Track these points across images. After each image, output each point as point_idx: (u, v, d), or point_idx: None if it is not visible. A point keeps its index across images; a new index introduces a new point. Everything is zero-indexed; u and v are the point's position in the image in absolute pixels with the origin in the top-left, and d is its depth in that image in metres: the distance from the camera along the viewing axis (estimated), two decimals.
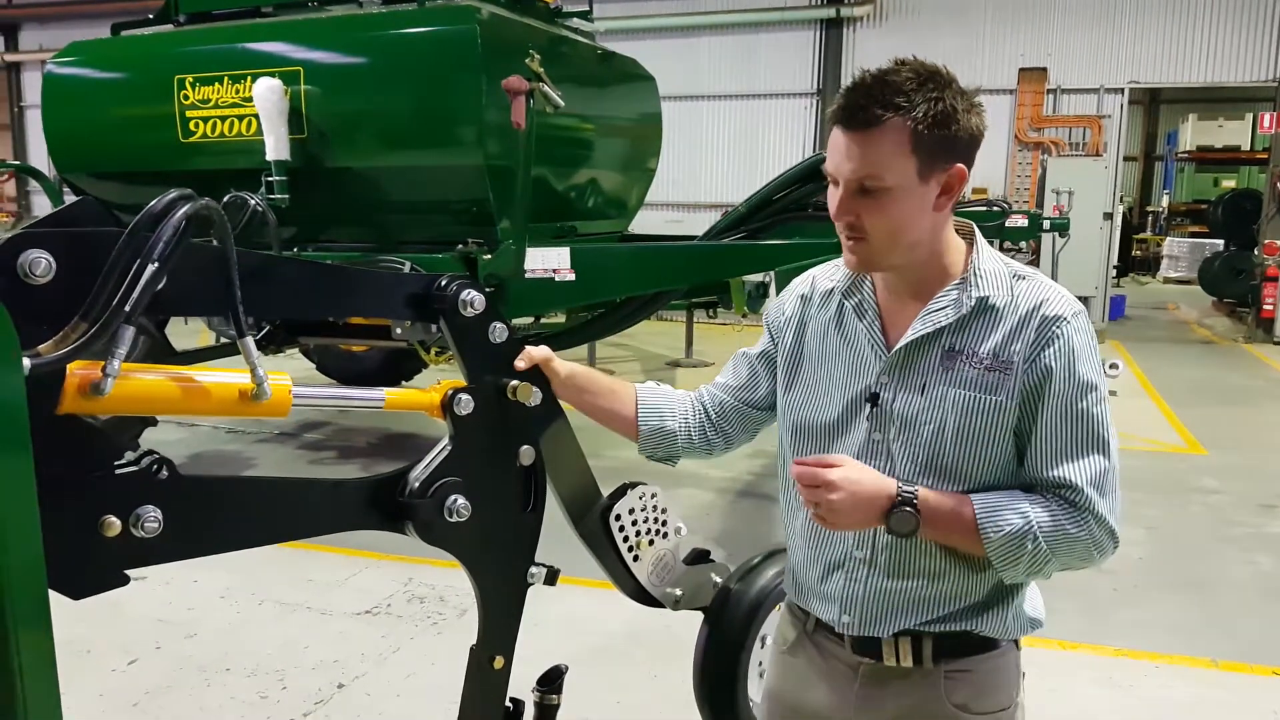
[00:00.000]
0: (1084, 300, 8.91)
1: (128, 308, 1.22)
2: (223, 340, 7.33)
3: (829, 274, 1.90)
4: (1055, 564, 1.65)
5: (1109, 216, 13.89)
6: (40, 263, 1.22)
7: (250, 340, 1.42)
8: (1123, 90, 14.90)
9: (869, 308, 1.79)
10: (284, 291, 1.54)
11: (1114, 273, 15.50)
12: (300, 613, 4.79)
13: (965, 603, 1.76)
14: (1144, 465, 7.51)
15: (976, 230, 1.79)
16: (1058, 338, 1.64)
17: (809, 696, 1.90)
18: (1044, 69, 14.84)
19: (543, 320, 7.69)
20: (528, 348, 1.81)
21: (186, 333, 8.53)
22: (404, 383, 9.24)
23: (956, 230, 1.76)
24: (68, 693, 3.72)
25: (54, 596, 1.34)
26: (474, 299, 1.68)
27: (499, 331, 1.75)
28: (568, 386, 1.90)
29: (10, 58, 21.42)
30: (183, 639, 4.49)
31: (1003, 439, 1.68)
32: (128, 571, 1.36)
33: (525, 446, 1.79)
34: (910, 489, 1.64)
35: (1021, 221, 7.51)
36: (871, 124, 1.58)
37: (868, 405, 1.75)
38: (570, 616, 4.31)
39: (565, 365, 1.89)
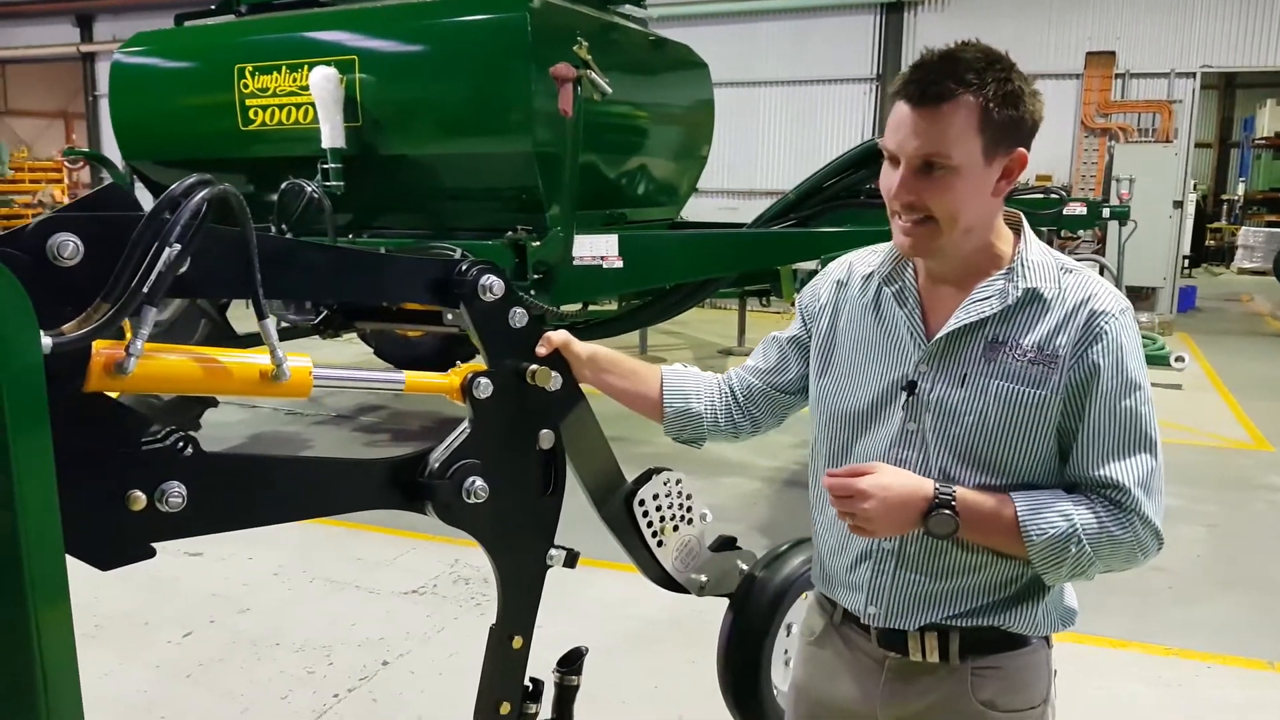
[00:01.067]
0: (1151, 291, 8.72)
1: (146, 289, 1.27)
2: (283, 324, 7.48)
3: (867, 260, 1.87)
4: (1099, 566, 1.62)
5: (1179, 205, 13.56)
6: (68, 245, 1.26)
7: (270, 323, 1.46)
8: (1195, 74, 14.51)
9: (910, 295, 1.76)
10: (304, 275, 1.58)
11: (1185, 263, 15.13)
12: (349, 591, 4.89)
13: (994, 598, 1.73)
14: (1207, 461, 7.34)
15: (1024, 220, 1.76)
16: (1105, 334, 1.62)
17: (835, 689, 1.89)
18: (1112, 53, 14.49)
19: (592, 306, 7.72)
20: (547, 333, 1.83)
21: (248, 318, 8.70)
22: (459, 364, 9.34)
23: (1005, 220, 1.73)
24: (126, 662, 3.85)
25: (110, 573, 1.40)
26: (493, 284, 1.71)
27: (519, 316, 1.77)
28: (590, 369, 1.91)
29: (85, 48, 22.00)
30: (235, 614, 4.61)
31: (1044, 433, 1.65)
32: (154, 544, 1.42)
33: (545, 430, 1.82)
34: (948, 490, 1.61)
35: (1080, 209, 7.36)
36: (943, 99, 1.55)
37: (904, 394, 1.72)
38: (609, 601, 4.35)
39: (586, 347, 1.90)
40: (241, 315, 8.27)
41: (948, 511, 1.60)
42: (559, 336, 1.83)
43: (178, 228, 1.28)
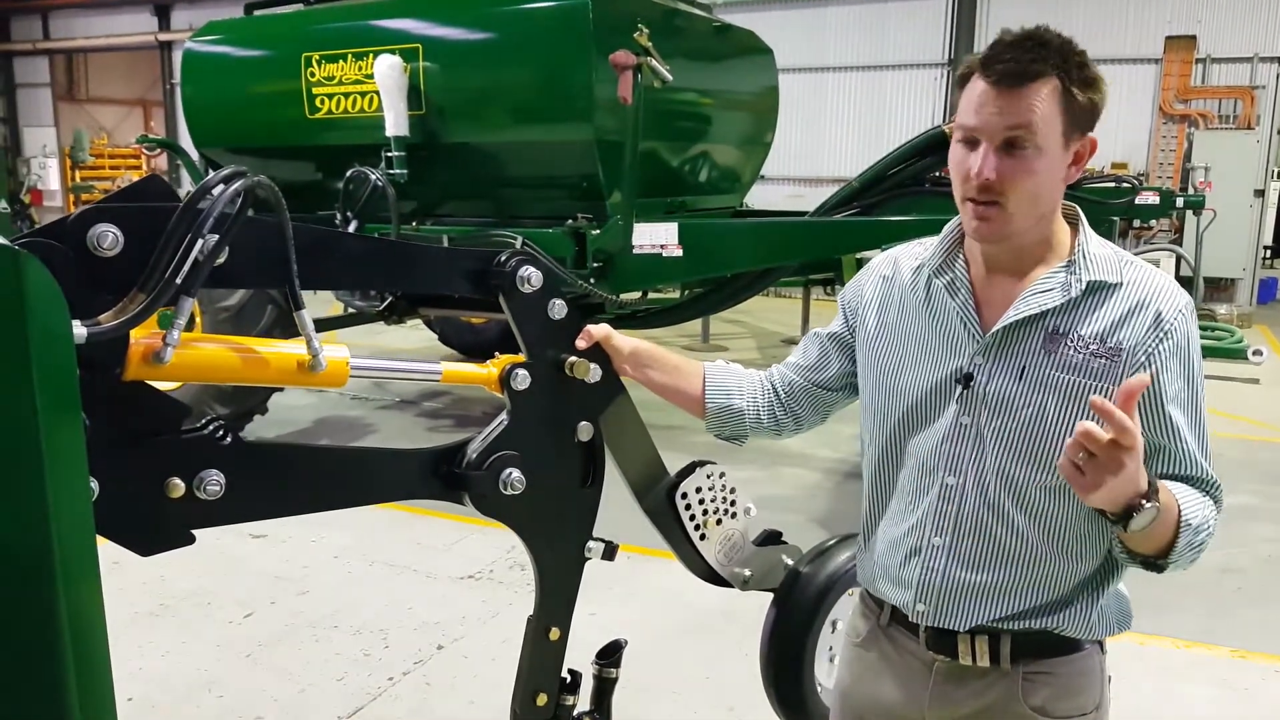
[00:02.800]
0: (1230, 283, 8.47)
1: (179, 279, 1.28)
2: (350, 310, 7.59)
3: (913, 252, 1.83)
4: (1196, 558, 1.60)
5: (1260, 194, 13.13)
6: (108, 236, 1.28)
7: (306, 314, 1.47)
8: (1278, 59, 14.00)
9: (962, 286, 1.72)
10: (342, 265, 1.58)
11: (1266, 253, 14.64)
12: (407, 575, 4.95)
13: (1045, 599, 1.69)
14: None
15: (1080, 212, 1.73)
16: (1175, 332, 1.60)
17: (881, 692, 1.86)
18: (1193, 37, 14.03)
19: (653, 295, 7.70)
20: (588, 326, 1.82)
21: (317, 302, 8.85)
22: (497, 355, 9.39)
23: (1063, 213, 1.70)
24: (189, 640, 3.94)
25: (180, 552, 1.43)
26: (532, 275, 1.70)
27: (558, 308, 1.76)
28: (630, 363, 1.89)
29: (163, 36, 22.52)
30: (295, 595, 4.69)
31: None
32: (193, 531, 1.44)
33: (584, 422, 1.81)
34: (1154, 481, 1.50)
35: (1152, 199, 7.15)
36: (1030, 78, 1.54)
37: (958, 387, 1.68)
38: (665, 590, 4.33)
39: (628, 342, 1.89)
40: (309, 300, 8.40)
41: (1153, 504, 1.47)
42: (599, 330, 1.82)
43: (211, 218, 1.28)
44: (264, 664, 4.07)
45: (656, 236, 5.83)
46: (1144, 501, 1.46)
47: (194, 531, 1.44)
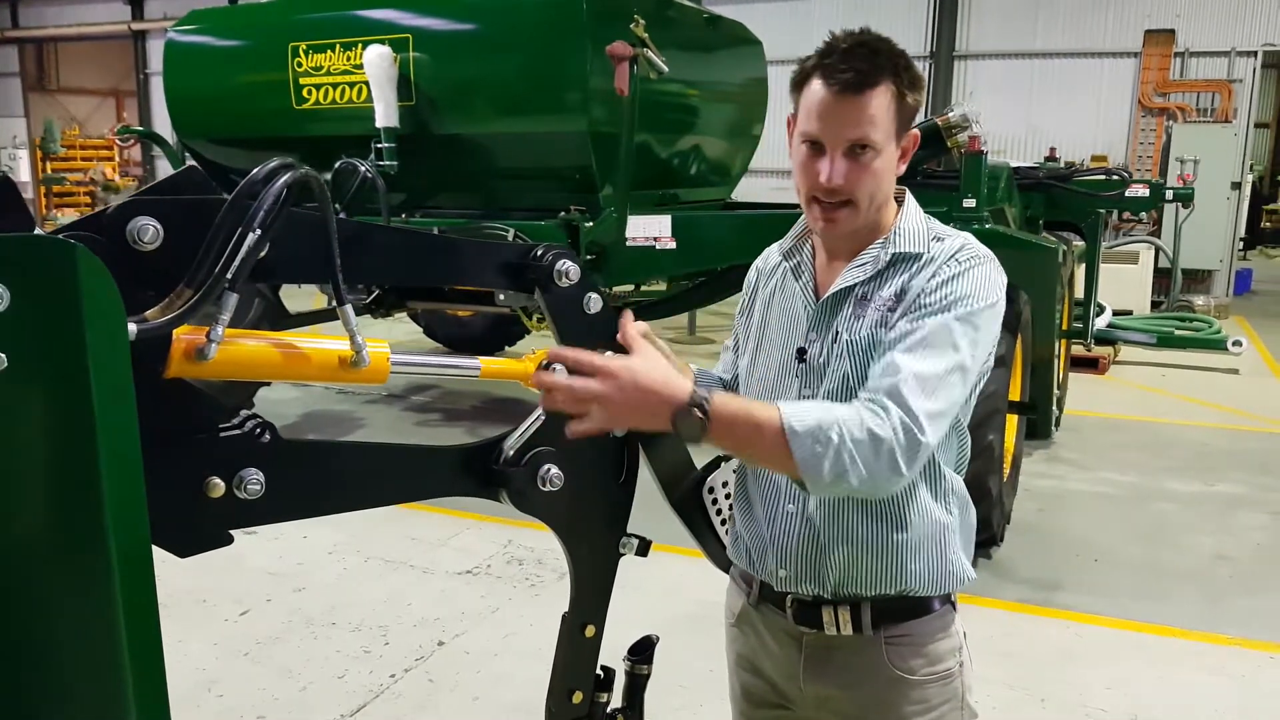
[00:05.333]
0: (1208, 274, 8.59)
1: (230, 275, 1.25)
2: (334, 303, 7.52)
3: (783, 243, 1.95)
4: (860, 469, 1.54)
5: (1237, 186, 13.25)
6: (148, 230, 1.25)
7: (350, 308, 1.43)
8: (1256, 53, 14.13)
9: (806, 268, 1.86)
10: (381, 259, 1.55)
11: (1240, 245, 14.78)
12: (403, 571, 4.91)
13: (893, 560, 1.77)
14: (1267, 448, 7.18)
15: (908, 193, 1.84)
16: (944, 271, 1.69)
17: (761, 667, 1.97)
18: (1171, 31, 14.15)
19: (643, 288, 7.67)
20: (628, 322, 1.80)
21: (299, 295, 8.78)
22: (507, 348, 9.36)
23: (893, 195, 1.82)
24: (185, 639, 3.88)
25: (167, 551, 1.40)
26: (569, 269, 1.67)
27: (594, 302, 1.73)
28: None
29: (137, 26, 22.25)
30: (292, 592, 4.65)
31: None
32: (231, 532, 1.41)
33: None
34: (706, 394, 1.56)
35: (1142, 191, 7.20)
36: (869, 86, 1.64)
37: (796, 362, 1.81)
38: (667, 584, 4.32)
39: (657, 344, 1.90)
40: (291, 294, 8.34)
41: (698, 412, 1.53)
42: (640, 326, 1.81)
43: (261, 212, 1.25)
44: (263, 662, 4.03)
45: (650, 229, 5.81)
46: (685, 411, 1.53)
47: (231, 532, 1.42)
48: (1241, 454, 7.02)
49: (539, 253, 1.68)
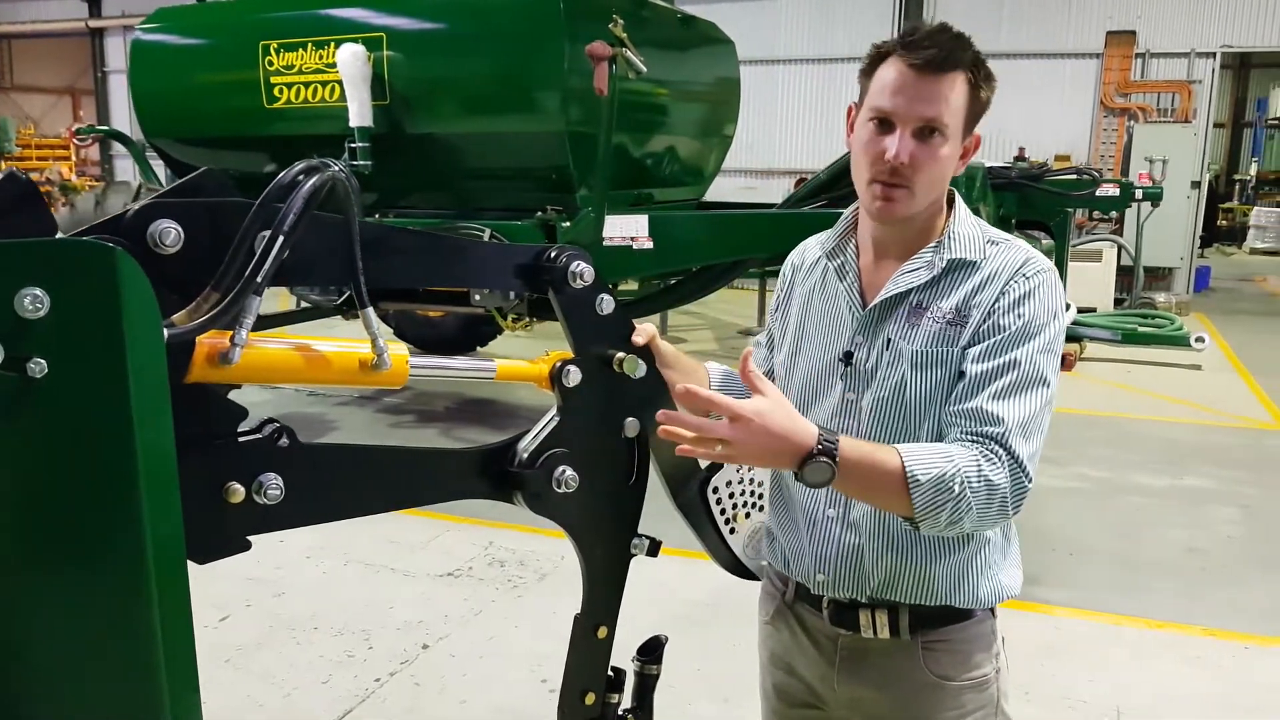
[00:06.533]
0: (1168, 272, 8.75)
1: (259, 279, 1.23)
2: (303, 305, 7.45)
3: (821, 240, 1.92)
4: (974, 515, 1.57)
5: (1197, 185, 13.47)
6: (170, 233, 1.23)
7: (371, 311, 1.42)
8: (1215, 54, 14.36)
9: (850, 269, 1.81)
10: (401, 262, 1.54)
11: (1198, 243, 15.04)
12: (384, 574, 4.88)
13: (937, 571, 1.76)
14: (1231, 442, 7.32)
15: (957, 195, 1.81)
16: (1013, 289, 1.66)
17: (794, 667, 1.95)
18: (1132, 32, 14.34)
19: (619, 288, 7.68)
20: (639, 324, 1.80)
21: (266, 295, 8.67)
22: (479, 348, 9.32)
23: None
24: None
25: None
26: (584, 270, 1.67)
27: (606, 303, 1.73)
28: (664, 365, 1.89)
29: (94, 23, 21.88)
30: (271, 597, 4.60)
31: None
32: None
33: (630, 419, 1.79)
34: (833, 438, 1.54)
35: (1113, 191, 7.30)
36: (951, 67, 1.62)
37: (841, 365, 1.78)
38: (650, 583, 4.31)
39: (663, 345, 1.90)
40: (269, 294, 8.21)
41: (825, 459, 1.51)
42: (650, 329, 1.81)
43: (291, 215, 1.24)
44: (245, 669, 3.98)
45: (627, 229, 5.81)
46: (813, 457, 1.50)
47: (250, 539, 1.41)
48: (1208, 448, 7.14)
49: (553, 254, 1.67)
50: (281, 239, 1.24)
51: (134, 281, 1.05)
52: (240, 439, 1.37)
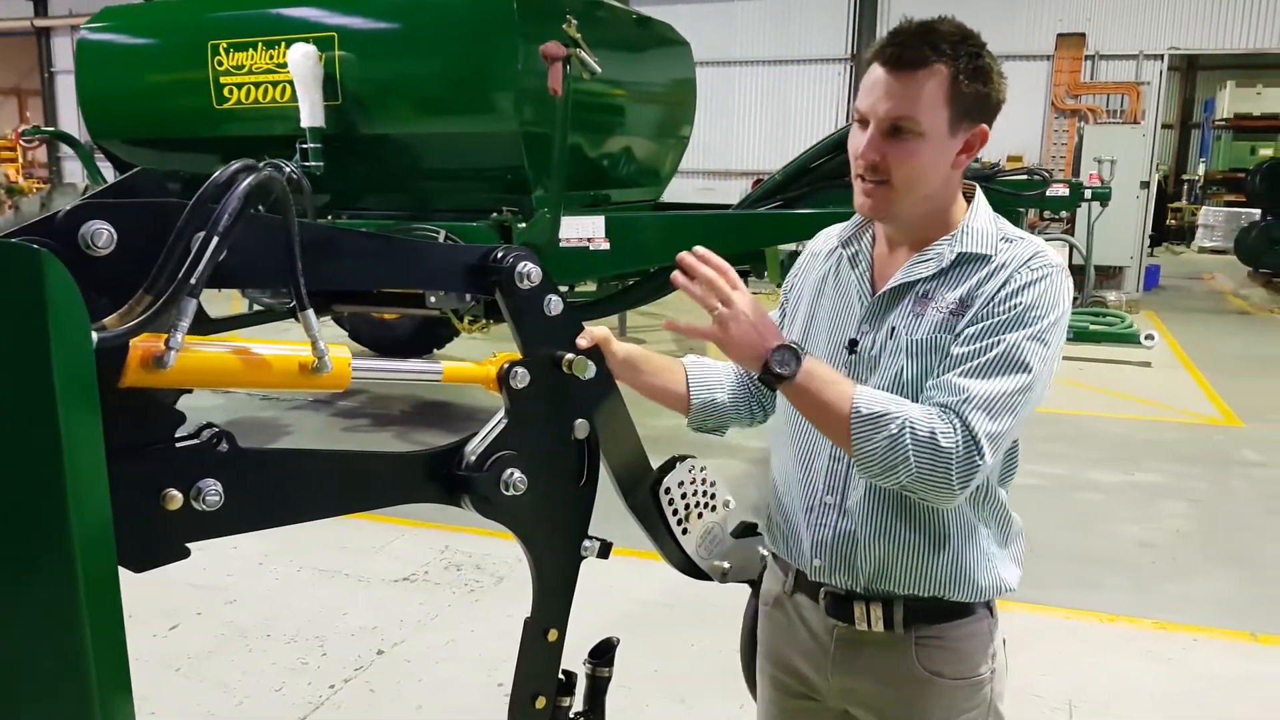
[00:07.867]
0: (1119, 270, 8.84)
1: (193, 280, 1.20)
2: (256, 308, 7.36)
3: (842, 229, 1.92)
4: (911, 468, 1.56)
5: (1146, 185, 13.68)
6: (102, 234, 1.20)
7: (311, 313, 1.40)
8: (1162, 56, 14.62)
9: (864, 258, 1.83)
10: (343, 263, 1.52)
11: (1148, 242, 15.28)
12: (338, 579, 4.82)
13: (929, 562, 1.77)
14: (1181, 438, 7.44)
15: (978, 190, 1.81)
16: (1017, 280, 1.66)
17: (791, 656, 1.96)
18: (1082, 34, 14.58)
19: (575, 289, 7.65)
20: (589, 327, 1.79)
21: (218, 299, 8.57)
22: (435, 350, 9.26)
23: (962, 191, 1.79)
24: None
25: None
26: (531, 271, 1.65)
27: (554, 304, 1.72)
28: (624, 367, 1.90)
29: (40, 23, 21.51)
30: (223, 604, 4.53)
31: None
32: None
33: (580, 420, 1.77)
34: (800, 346, 1.63)
35: (1063, 191, 7.40)
36: (917, 65, 1.61)
37: (846, 353, 1.79)
38: (603, 585, 4.31)
39: (622, 346, 1.90)
40: (210, 298, 8.12)
41: (793, 355, 1.60)
42: (600, 332, 1.80)
43: (225, 216, 1.21)
44: (196, 677, 3.92)
45: (583, 230, 5.79)
46: (786, 348, 1.60)
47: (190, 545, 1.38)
48: (1159, 444, 7.25)
49: (499, 254, 1.65)
50: (216, 239, 1.21)
51: (60, 284, 1.02)
52: (178, 444, 1.34)
